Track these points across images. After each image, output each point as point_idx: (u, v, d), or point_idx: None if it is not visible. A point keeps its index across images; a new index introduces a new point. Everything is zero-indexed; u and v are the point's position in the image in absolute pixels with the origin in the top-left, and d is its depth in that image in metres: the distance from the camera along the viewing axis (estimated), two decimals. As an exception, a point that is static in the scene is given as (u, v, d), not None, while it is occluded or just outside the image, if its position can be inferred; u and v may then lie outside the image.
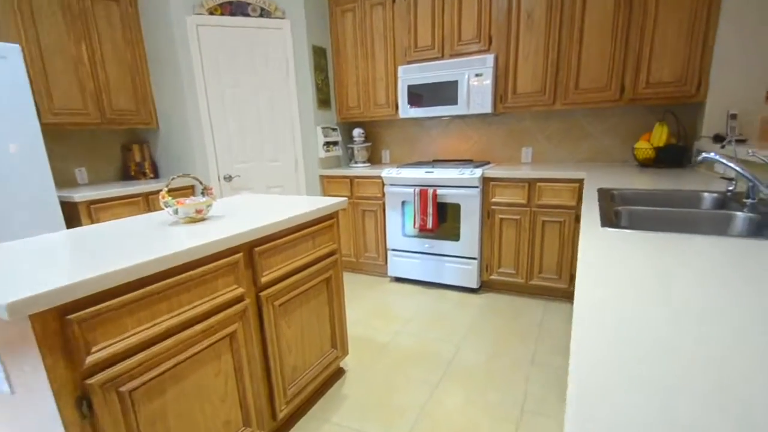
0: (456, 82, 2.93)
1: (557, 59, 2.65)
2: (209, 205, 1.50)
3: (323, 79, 3.45)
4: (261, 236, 1.38)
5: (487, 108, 2.85)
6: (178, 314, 1.12)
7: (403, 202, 3.07)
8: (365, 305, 2.82)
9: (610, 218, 1.11)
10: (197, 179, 1.59)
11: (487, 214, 2.80)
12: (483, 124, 3.31)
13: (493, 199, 2.75)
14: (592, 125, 2.92)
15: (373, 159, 3.89)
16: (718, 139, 2.20)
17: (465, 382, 1.91)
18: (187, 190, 3.12)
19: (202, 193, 1.54)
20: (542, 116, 3.07)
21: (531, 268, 2.72)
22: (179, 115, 3.06)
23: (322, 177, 3.45)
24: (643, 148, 2.47)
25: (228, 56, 3.01)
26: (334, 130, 3.57)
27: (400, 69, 3.10)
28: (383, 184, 3.14)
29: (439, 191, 2.84)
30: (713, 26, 2.23)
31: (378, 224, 3.26)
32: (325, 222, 1.75)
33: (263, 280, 1.42)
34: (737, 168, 1.26)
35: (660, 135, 2.43)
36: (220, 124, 3.07)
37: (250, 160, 3.20)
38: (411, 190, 2.94)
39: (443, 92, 2.99)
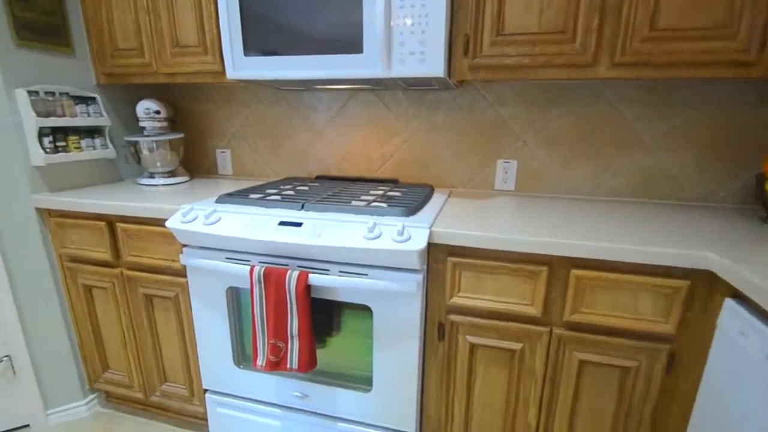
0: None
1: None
2: None
3: (39, -25, 1.39)
4: None
5: (437, 68, 1.14)
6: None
7: (233, 290, 1.25)
8: None
9: None
10: None
11: (439, 331, 1.13)
12: (421, 107, 1.60)
13: (455, 298, 1.08)
14: (642, 121, 1.41)
15: (198, 166, 1.95)
16: None
17: None
18: None
19: None
20: (541, 95, 1.48)
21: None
22: None
23: (42, 211, 1.43)
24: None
25: None
26: (86, 101, 1.54)
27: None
28: (182, 245, 1.27)
29: (314, 278, 1.07)
30: None
31: (184, 328, 1.39)
32: None
33: None
34: None
35: None
36: None
37: None
38: (245, 268, 1.12)
39: (328, 24, 1.20)
